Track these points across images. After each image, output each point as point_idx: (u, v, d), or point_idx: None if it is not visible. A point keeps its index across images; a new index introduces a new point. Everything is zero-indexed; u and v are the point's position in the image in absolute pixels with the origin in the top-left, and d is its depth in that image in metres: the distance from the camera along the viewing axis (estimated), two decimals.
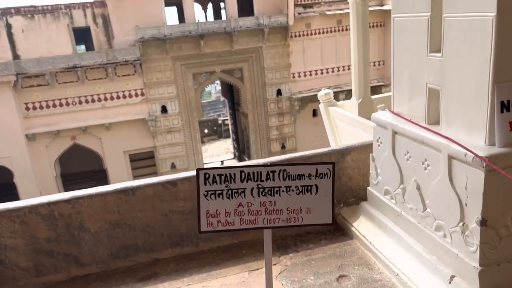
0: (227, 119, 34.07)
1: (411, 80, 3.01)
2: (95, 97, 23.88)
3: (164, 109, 24.29)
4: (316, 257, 3.35)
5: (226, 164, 24.85)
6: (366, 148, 3.77)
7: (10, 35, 21.91)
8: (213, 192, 1.89)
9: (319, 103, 5.66)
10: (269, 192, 1.92)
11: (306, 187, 1.93)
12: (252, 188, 1.90)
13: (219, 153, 32.08)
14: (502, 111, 2.33)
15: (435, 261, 2.75)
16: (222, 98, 38.98)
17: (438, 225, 2.73)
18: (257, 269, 3.25)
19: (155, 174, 24.02)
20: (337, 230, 3.72)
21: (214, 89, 52.58)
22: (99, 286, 3.24)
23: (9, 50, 22.01)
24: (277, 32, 24.76)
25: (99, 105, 23.99)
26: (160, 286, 3.16)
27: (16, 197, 22.19)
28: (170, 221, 3.51)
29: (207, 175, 1.86)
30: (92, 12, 23.29)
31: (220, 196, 1.89)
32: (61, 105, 23.71)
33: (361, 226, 3.53)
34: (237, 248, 3.57)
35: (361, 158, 3.82)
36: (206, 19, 27.84)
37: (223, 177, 1.88)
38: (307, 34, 25.44)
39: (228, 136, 34.24)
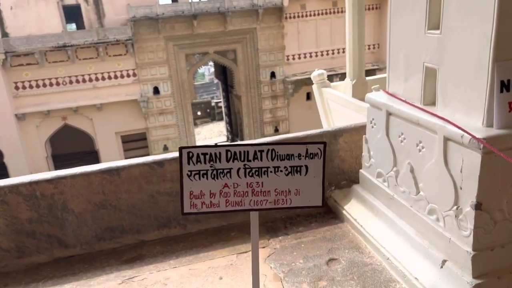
0: (220, 102, 33.80)
1: (407, 59, 2.90)
2: (86, 77, 23.50)
3: (156, 90, 24.00)
4: (306, 240, 3.29)
5: None
6: (359, 130, 3.68)
7: None
8: (197, 172, 1.78)
9: (313, 85, 5.54)
10: (257, 173, 1.81)
11: (295, 168, 1.83)
12: (239, 168, 1.80)
13: (212, 136, 31.93)
14: (501, 91, 2.23)
15: (427, 245, 2.69)
16: (215, 81, 38.55)
17: (431, 209, 2.66)
18: (246, 252, 3.18)
19: (147, 155, 23.86)
20: (328, 213, 3.66)
21: (208, 71, 52.01)
22: (83, 267, 3.15)
23: None
24: (271, 13, 24.38)
25: (90, 85, 23.63)
26: (145, 268, 3.08)
27: (6, 177, 21.98)
28: (157, 202, 3.41)
29: (190, 154, 1.75)
30: None
31: (205, 176, 1.79)
32: (51, 84, 23.32)
33: (352, 209, 3.47)
34: (226, 230, 3.49)
35: (353, 140, 3.73)
36: None
37: (207, 157, 1.77)
38: (302, 16, 25.09)
39: (221, 119, 34.04)
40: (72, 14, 23.47)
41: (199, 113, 35.86)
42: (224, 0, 23.50)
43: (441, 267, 2.54)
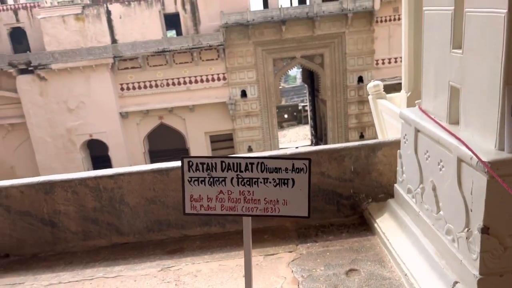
0: (307, 105, 33.92)
1: (436, 77, 2.89)
2: (181, 80, 25.28)
3: (243, 94, 24.96)
4: (332, 249, 3.40)
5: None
6: (399, 144, 3.67)
7: (109, 21, 23.96)
8: (196, 178, 2.07)
9: (369, 96, 5.48)
10: (248, 182, 2.04)
11: (282, 180, 2.02)
12: (232, 178, 2.05)
13: (297, 139, 32.20)
14: None
15: (443, 266, 2.67)
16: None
17: (448, 229, 2.64)
18: (273, 254, 3.40)
19: None
20: (361, 225, 3.71)
21: (300, 74, 52.42)
22: (133, 254, 3.63)
23: (108, 35, 24.11)
24: (361, 17, 23.95)
25: (184, 87, 25.37)
26: (183, 260, 3.45)
27: (110, 168, 24.54)
28: None
29: (190, 163, 2.04)
30: None
31: (203, 183, 2.07)
32: (151, 86, 25.47)
33: (383, 223, 3.49)
34: (260, 232, 3.73)
35: (393, 154, 3.73)
36: (291, 4, 27.75)
37: (205, 166, 2.04)
38: (394, 19, 24.24)
39: (307, 122, 34.14)
40: (172, 22, 25.43)
41: (286, 116, 36.36)
42: (313, 5, 23.66)
43: None
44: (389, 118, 5.15)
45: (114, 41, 24.23)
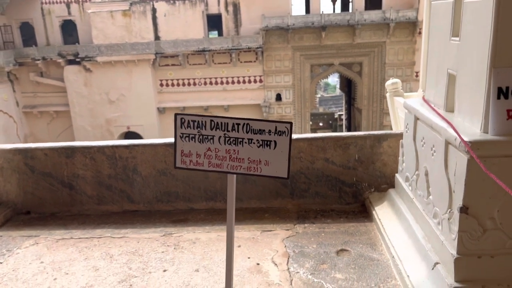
0: (343, 114, 33.65)
1: (437, 66, 2.94)
2: (218, 80, 25.76)
3: (278, 97, 25.13)
4: (328, 231, 3.49)
5: None
6: None
7: (154, 18, 24.81)
8: (187, 135, 2.24)
9: (386, 93, 5.50)
10: (234, 142, 2.19)
11: (265, 142, 2.16)
12: (220, 137, 2.20)
13: None
14: (498, 97, 2.22)
15: (428, 249, 2.71)
16: None
17: (435, 212, 2.69)
18: (270, 231, 3.53)
19: None
20: (361, 212, 3.78)
21: (339, 84, 52.09)
22: (141, 220, 3.86)
23: (152, 31, 24.97)
24: (403, 27, 23.62)
25: (221, 87, 25.83)
26: (185, 229, 3.64)
27: None
28: (207, 177, 3.96)
29: (182, 120, 2.22)
30: (225, 0, 25.00)
31: (193, 139, 2.24)
32: (189, 84, 26.11)
33: (381, 210, 3.55)
34: (262, 211, 3.88)
35: (399, 146, 3.77)
36: (334, 11, 27.74)
37: (195, 123, 2.21)
38: None
39: (342, 131, 33.83)
40: (214, 23, 26.02)
41: (321, 124, 36.20)
42: (355, 13, 23.55)
43: (432, 268, 2.57)
44: (403, 115, 5.12)
45: (157, 38, 25.07)
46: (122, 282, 2.93)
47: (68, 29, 26.27)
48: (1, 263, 3.25)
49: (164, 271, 3.03)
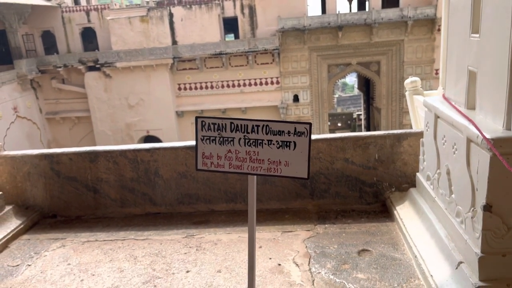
0: (361, 114, 33.36)
1: (457, 63, 2.92)
2: (235, 83, 25.87)
3: (296, 98, 25.07)
4: (349, 231, 3.48)
5: None
6: None
7: (171, 23, 25.08)
8: (208, 137, 2.28)
9: (406, 92, 5.44)
10: (254, 143, 2.22)
11: (285, 143, 2.18)
12: (240, 138, 2.23)
13: None
14: None
15: (451, 248, 2.69)
16: None
17: (458, 211, 2.66)
18: (290, 232, 3.54)
19: None
20: (382, 212, 3.76)
21: (358, 83, 51.70)
22: (163, 222, 3.92)
23: (169, 36, 25.24)
24: (422, 24, 23.28)
25: (238, 90, 25.93)
26: (206, 230, 3.69)
27: None
28: (227, 179, 4.00)
29: (203, 123, 2.26)
30: (240, 3, 25.11)
31: (214, 141, 2.27)
32: (206, 87, 26.29)
33: (403, 210, 3.52)
34: (282, 212, 3.90)
35: (419, 145, 3.74)
36: (350, 10, 27.54)
37: (216, 126, 2.25)
38: None
39: (361, 131, 33.53)
40: (231, 26, 26.15)
41: (339, 124, 35.97)
42: (371, 12, 23.35)
43: (456, 268, 2.54)
44: (423, 114, 5.06)
45: (174, 42, 25.32)
46: (146, 283, 2.99)
47: (88, 36, 26.79)
48: (29, 265, 3.35)
49: (187, 272, 3.08)
